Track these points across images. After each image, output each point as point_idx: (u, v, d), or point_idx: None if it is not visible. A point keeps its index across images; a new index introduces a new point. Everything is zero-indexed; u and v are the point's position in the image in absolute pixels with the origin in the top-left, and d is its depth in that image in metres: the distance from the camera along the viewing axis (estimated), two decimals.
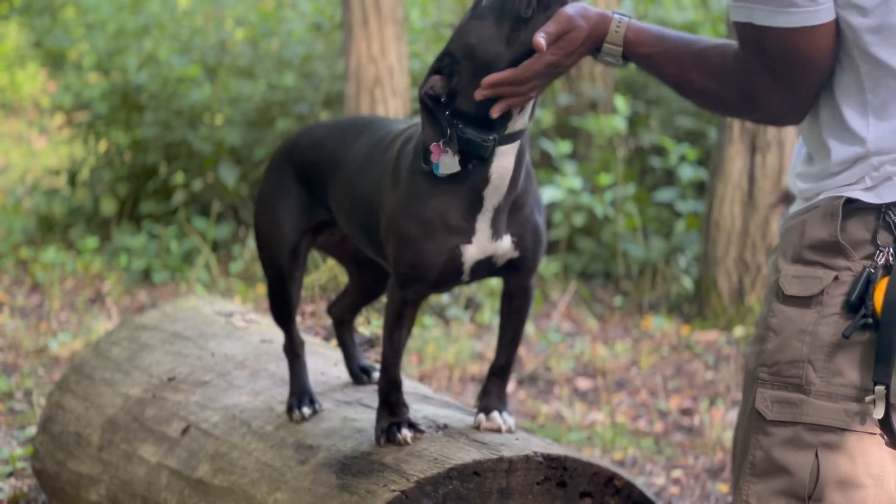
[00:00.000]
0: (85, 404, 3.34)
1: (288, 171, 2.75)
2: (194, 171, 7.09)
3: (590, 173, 6.58)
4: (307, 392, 2.79)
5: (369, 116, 2.77)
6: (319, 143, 2.71)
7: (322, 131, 2.75)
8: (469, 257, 2.40)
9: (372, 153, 2.55)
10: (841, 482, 1.95)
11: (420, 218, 2.38)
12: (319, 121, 3.02)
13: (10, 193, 8.06)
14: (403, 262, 2.42)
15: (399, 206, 2.41)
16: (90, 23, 8.06)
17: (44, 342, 5.48)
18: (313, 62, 7.20)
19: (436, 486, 2.34)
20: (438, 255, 2.39)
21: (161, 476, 2.93)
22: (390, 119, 2.66)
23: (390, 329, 2.50)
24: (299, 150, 2.75)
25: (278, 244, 2.74)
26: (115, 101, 7.41)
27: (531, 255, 2.45)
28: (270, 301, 2.83)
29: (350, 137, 2.64)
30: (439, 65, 2.32)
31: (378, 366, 2.95)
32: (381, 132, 2.58)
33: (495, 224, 2.39)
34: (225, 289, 6.21)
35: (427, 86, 2.33)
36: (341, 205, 2.63)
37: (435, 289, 2.48)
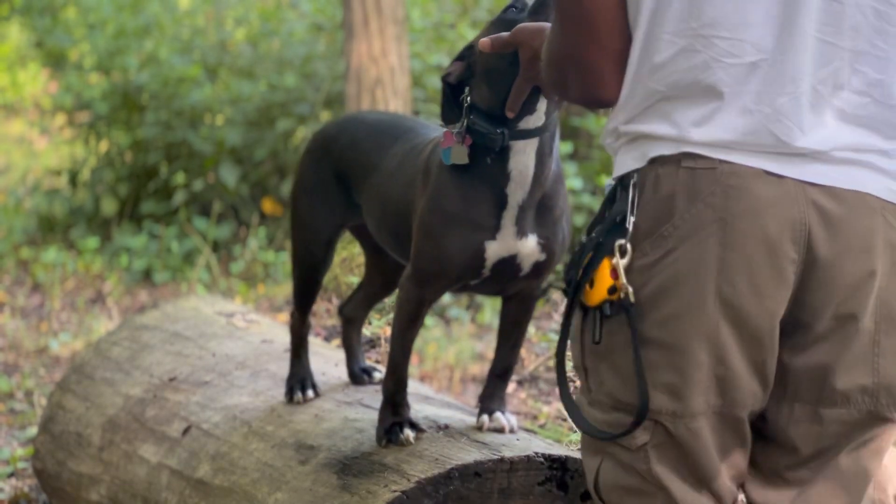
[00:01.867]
0: (86, 404, 3.34)
1: (326, 165, 2.76)
2: (195, 171, 7.09)
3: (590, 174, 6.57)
4: (309, 376, 2.84)
5: (409, 120, 2.76)
6: (358, 142, 2.71)
7: (362, 130, 2.74)
8: (492, 253, 2.40)
9: (405, 160, 2.56)
10: (619, 488, 1.91)
11: (444, 212, 2.39)
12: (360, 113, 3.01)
13: (11, 193, 8.06)
14: (425, 255, 2.43)
15: (426, 203, 2.42)
16: (91, 23, 8.05)
17: (44, 342, 5.48)
18: (314, 62, 7.19)
19: (437, 487, 2.34)
20: (462, 249, 2.39)
21: (162, 476, 2.93)
22: (428, 125, 2.67)
23: (402, 329, 2.50)
24: (338, 146, 2.75)
25: (315, 235, 2.78)
26: (116, 102, 7.41)
27: (557, 259, 2.46)
28: (297, 286, 2.87)
29: (387, 142, 2.64)
30: (462, 53, 2.38)
31: (379, 367, 2.95)
32: (417, 139, 2.59)
33: (520, 222, 2.39)
34: (226, 289, 6.21)
35: (448, 69, 2.41)
36: (372, 209, 2.64)
37: (455, 284, 2.48)
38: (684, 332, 1.80)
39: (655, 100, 1.82)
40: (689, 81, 1.80)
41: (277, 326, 3.54)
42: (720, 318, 1.80)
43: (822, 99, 1.80)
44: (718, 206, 1.78)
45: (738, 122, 1.79)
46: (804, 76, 1.79)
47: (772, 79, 1.78)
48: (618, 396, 1.86)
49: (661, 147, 1.81)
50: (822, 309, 1.83)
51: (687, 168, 1.79)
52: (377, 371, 2.92)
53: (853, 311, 1.83)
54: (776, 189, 1.79)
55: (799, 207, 1.79)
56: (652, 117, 1.82)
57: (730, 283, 1.79)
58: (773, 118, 1.78)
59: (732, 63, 1.78)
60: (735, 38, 1.78)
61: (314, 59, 7.21)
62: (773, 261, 1.79)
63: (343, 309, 2.98)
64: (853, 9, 1.80)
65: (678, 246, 1.80)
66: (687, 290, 1.79)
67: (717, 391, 1.83)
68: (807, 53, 1.79)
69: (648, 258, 1.81)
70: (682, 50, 1.79)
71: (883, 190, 1.82)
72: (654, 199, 1.81)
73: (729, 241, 1.78)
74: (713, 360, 1.81)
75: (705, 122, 1.79)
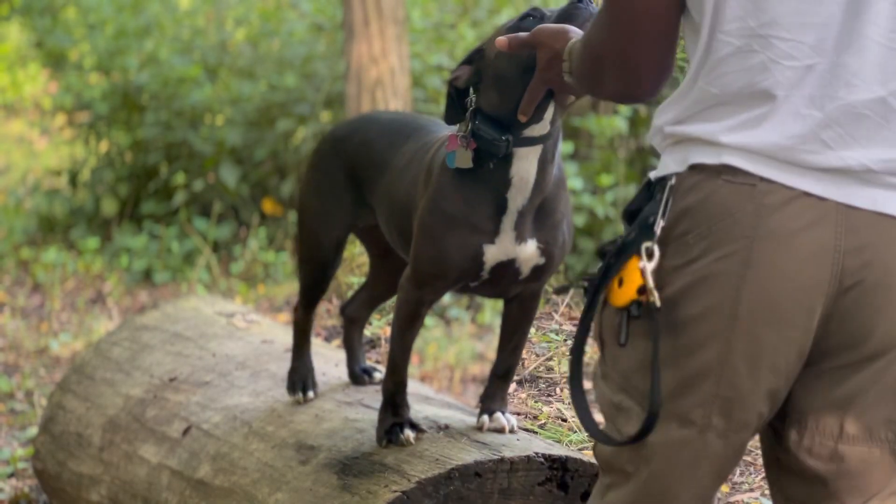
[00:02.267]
0: (86, 405, 3.34)
1: (336, 165, 2.75)
2: (195, 171, 7.09)
3: (591, 174, 6.57)
4: (311, 374, 2.84)
5: (422, 118, 2.75)
6: (371, 142, 2.70)
7: (375, 129, 2.73)
8: (490, 256, 2.40)
9: (413, 158, 2.56)
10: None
11: (444, 213, 2.40)
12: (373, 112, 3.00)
13: (12, 194, 8.06)
14: (425, 256, 2.43)
15: (427, 203, 2.42)
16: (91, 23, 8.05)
17: (45, 342, 5.48)
18: (314, 63, 7.19)
19: (437, 487, 2.34)
20: (460, 251, 2.39)
21: (162, 476, 2.93)
22: (440, 123, 2.67)
23: (402, 329, 2.50)
24: (351, 145, 2.74)
25: (326, 236, 2.76)
26: (116, 102, 7.41)
27: (557, 263, 2.46)
28: (304, 284, 2.85)
29: (399, 141, 2.64)
30: (470, 56, 2.37)
31: (379, 367, 2.95)
32: (427, 137, 2.59)
33: (520, 227, 2.39)
34: (226, 289, 6.21)
35: (455, 73, 2.39)
36: (383, 207, 2.63)
37: (453, 286, 2.48)
38: (694, 342, 1.76)
39: (707, 104, 1.76)
40: (744, 83, 1.73)
41: (278, 327, 3.54)
42: (731, 338, 1.74)
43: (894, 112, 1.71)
44: (748, 225, 1.71)
45: (789, 126, 1.71)
46: (866, 84, 1.70)
47: (826, 82, 1.71)
48: (629, 378, 1.82)
49: (702, 154, 1.75)
50: (855, 341, 1.76)
51: (725, 181, 1.73)
52: (377, 371, 2.92)
53: (886, 343, 1.75)
54: (813, 213, 1.71)
55: (836, 233, 1.71)
56: (699, 120, 1.76)
57: (746, 305, 1.72)
58: (824, 123, 1.71)
59: (790, 65, 1.71)
60: (795, 40, 1.71)
61: (314, 60, 7.21)
62: (798, 290, 1.72)
63: (345, 309, 2.98)
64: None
65: (701, 257, 1.74)
66: (701, 301, 1.74)
67: (722, 412, 1.77)
68: (869, 60, 1.70)
69: (672, 263, 1.76)
70: (738, 50, 1.73)
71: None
72: (687, 205, 1.75)
73: (753, 261, 1.71)
74: (719, 380, 1.75)
75: (755, 125, 1.72)
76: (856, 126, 1.71)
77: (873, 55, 1.71)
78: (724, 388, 1.76)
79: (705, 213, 1.74)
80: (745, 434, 1.80)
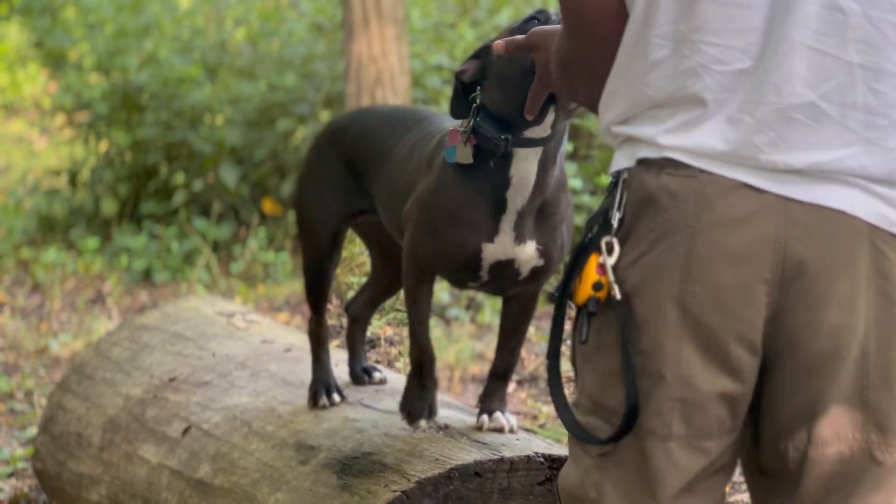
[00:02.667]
0: (86, 405, 3.34)
1: (334, 155, 2.74)
2: (195, 171, 7.09)
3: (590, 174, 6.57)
4: (333, 380, 2.80)
5: (427, 111, 2.76)
6: (371, 132, 2.70)
7: (375, 120, 2.73)
8: (489, 255, 2.40)
9: (415, 147, 2.56)
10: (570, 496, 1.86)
11: (445, 209, 2.40)
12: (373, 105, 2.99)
13: (11, 194, 8.06)
14: (423, 249, 2.43)
15: (426, 193, 2.43)
16: (91, 23, 8.06)
17: (44, 342, 5.48)
18: (314, 62, 7.19)
19: (437, 487, 2.34)
20: (459, 248, 2.40)
21: (162, 476, 2.93)
22: (443, 115, 2.67)
23: (411, 298, 2.50)
24: (349, 136, 2.74)
25: (322, 227, 2.75)
26: (116, 102, 7.41)
27: (555, 265, 2.46)
28: (307, 281, 2.83)
29: (402, 130, 2.64)
30: (478, 52, 2.37)
31: (379, 367, 2.96)
32: (431, 128, 2.59)
33: (519, 227, 2.39)
34: (226, 289, 6.21)
35: (463, 67, 2.40)
36: (381, 195, 2.63)
37: (452, 276, 2.48)
38: (651, 340, 1.75)
39: (645, 105, 1.77)
40: (676, 87, 1.74)
41: (277, 326, 3.54)
42: (682, 331, 1.73)
43: (825, 115, 1.71)
44: (690, 214, 1.72)
45: (724, 131, 1.72)
46: (795, 88, 1.71)
47: (756, 87, 1.72)
48: (595, 398, 1.81)
49: (647, 150, 1.76)
50: (805, 336, 1.74)
51: (668, 174, 1.74)
52: (377, 371, 2.91)
53: (838, 339, 1.74)
54: (753, 203, 1.72)
55: (776, 224, 1.71)
56: (640, 121, 1.78)
57: (692, 295, 1.72)
58: (756, 129, 1.71)
59: (719, 70, 1.72)
60: (724, 45, 1.72)
61: (314, 59, 7.21)
62: (741, 278, 1.72)
63: (349, 307, 2.98)
64: (860, 20, 1.71)
65: (650, 250, 1.74)
66: (651, 295, 1.74)
67: (682, 417, 1.75)
68: (797, 64, 1.71)
69: (628, 258, 1.77)
70: (671, 54, 1.74)
71: (872, 214, 1.73)
72: (637, 199, 1.77)
73: (695, 251, 1.72)
74: (677, 379, 1.74)
75: (690, 129, 1.73)
76: (787, 130, 1.72)
77: (802, 59, 1.71)
78: (680, 388, 1.74)
79: (652, 206, 1.75)
80: (708, 443, 1.77)
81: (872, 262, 1.74)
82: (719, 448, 1.79)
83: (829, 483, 1.79)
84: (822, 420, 1.76)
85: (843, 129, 1.72)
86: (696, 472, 1.78)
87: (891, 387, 1.76)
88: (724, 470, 1.82)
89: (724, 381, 1.75)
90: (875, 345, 1.75)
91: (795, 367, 1.76)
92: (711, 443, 1.78)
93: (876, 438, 1.78)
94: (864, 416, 1.77)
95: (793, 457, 1.79)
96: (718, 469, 1.81)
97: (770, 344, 1.76)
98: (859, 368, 1.76)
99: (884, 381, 1.76)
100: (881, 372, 1.76)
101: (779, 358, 1.76)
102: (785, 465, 1.80)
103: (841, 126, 1.72)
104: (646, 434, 1.76)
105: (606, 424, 1.79)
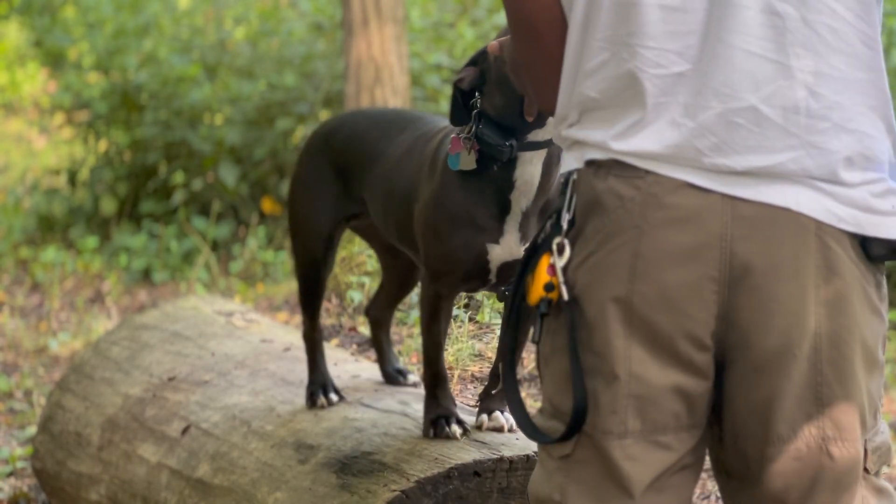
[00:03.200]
0: (85, 404, 3.33)
1: (324, 159, 2.74)
2: (194, 170, 7.09)
3: None
4: (329, 381, 2.80)
5: (417, 112, 2.76)
6: (361, 134, 2.70)
7: (364, 123, 2.73)
8: (495, 257, 2.41)
9: (412, 147, 2.56)
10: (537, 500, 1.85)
11: (450, 212, 2.40)
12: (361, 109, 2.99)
13: (10, 193, 8.06)
14: (433, 254, 2.44)
15: (431, 199, 2.43)
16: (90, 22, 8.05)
17: (44, 342, 5.47)
18: (313, 62, 7.19)
19: (436, 486, 2.34)
20: (465, 250, 2.40)
21: (161, 476, 2.93)
22: (437, 116, 2.66)
23: (427, 324, 2.51)
24: (338, 140, 2.74)
25: (314, 232, 2.75)
26: (115, 101, 7.41)
27: None
28: (301, 286, 2.83)
29: (394, 132, 2.64)
30: (475, 58, 2.37)
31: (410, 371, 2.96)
32: (426, 127, 2.59)
33: (524, 228, 2.40)
34: (225, 288, 6.21)
35: (460, 75, 2.39)
36: (376, 197, 2.62)
37: (464, 285, 2.48)
38: (600, 340, 1.75)
39: (588, 107, 1.77)
40: (617, 90, 1.75)
41: (277, 326, 3.53)
42: (632, 330, 1.74)
43: (767, 119, 1.72)
44: (637, 214, 1.73)
45: (666, 134, 1.73)
46: (736, 93, 1.71)
47: (696, 91, 1.72)
48: (554, 402, 1.81)
49: (594, 152, 1.77)
50: (756, 333, 1.74)
51: (615, 175, 1.75)
52: (412, 374, 2.92)
53: (788, 336, 1.74)
54: (699, 202, 1.72)
55: (722, 222, 1.72)
56: (586, 125, 1.78)
57: (639, 294, 1.73)
58: (697, 133, 1.72)
59: (657, 73, 1.72)
60: (660, 48, 1.72)
61: (313, 59, 7.21)
62: (688, 276, 1.72)
63: (368, 311, 2.98)
64: (798, 24, 1.72)
65: (597, 250, 1.75)
66: (600, 296, 1.75)
67: (637, 413, 1.75)
68: (737, 69, 1.71)
69: (576, 260, 1.78)
70: (611, 57, 1.75)
71: (818, 210, 1.73)
72: (585, 200, 1.77)
73: (642, 251, 1.73)
74: (629, 376, 1.74)
75: (633, 133, 1.74)
76: (729, 134, 1.72)
77: (741, 63, 1.72)
78: (633, 385, 1.75)
79: (599, 207, 1.75)
80: (665, 438, 1.77)
81: (820, 258, 1.74)
82: (680, 444, 1.79)
83: (788, 481, 1.79)
84: (778, 417, 1.76)
85: (784, 132, 1.73)
86: (662, 470, 1.78)
87: (844, 382, 1.77)
88: (689, 469, 1.82)
89: (675, 375, 1.75)
90: (826, 341, 1.75)
91: (749, 365, 1.76)
92: (668, 437, 1.78)
93: (832, 434, 1.77)
94: (820, 413, 1.77)
95: (752, 455, 1.79)
96: (683, 467, 1.81)
97: (723, 341, 1.76)
98: (812, 365, 1.76)
99: (837, 377, 1.76)
100: (834, 368, 1.76)
101: (733, 355, 1.77)
102: (745, 464, 1.81)
103: (783, 130, 1.73)
104: (602, 434, 1.76)
105: (563, 426, 1.79)
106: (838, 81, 1.74)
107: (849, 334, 1.76)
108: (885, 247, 1.76)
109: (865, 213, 1.75)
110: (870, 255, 1.77)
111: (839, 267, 1.75)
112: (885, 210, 1.76)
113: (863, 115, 1.75)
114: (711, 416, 1.82)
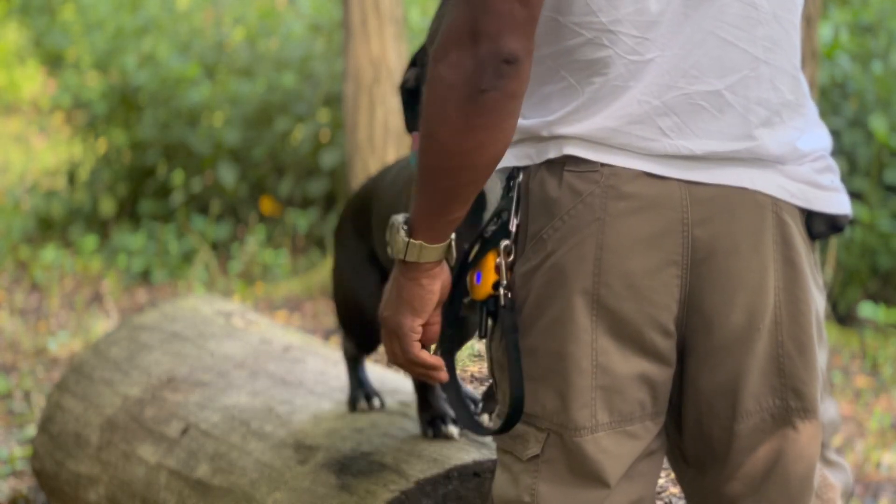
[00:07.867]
0: (84, 404, 3.33)
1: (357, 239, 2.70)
2: (193, 170, 7.10)
3: None
4: (371, 389, 2.77)
5: None
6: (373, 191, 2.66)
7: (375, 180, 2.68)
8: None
9: (398, 174, 2.54)
10: None
11: None
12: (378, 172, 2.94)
13: (9, 193, 8.06)
14: None
15: (396, 199, 2.42)
16: (89, 22, 8.06)
17: (43, 342, 5.48)
18: (312, 62, 7.20)
19: (435, 487, 2.34)
20: None
21: (160, 476, 2.93)
22: None
23: None
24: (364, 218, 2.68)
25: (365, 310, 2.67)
26: (114, 101, 7.42)
27: None
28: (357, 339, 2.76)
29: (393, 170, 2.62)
30: (415, 58, 2.36)
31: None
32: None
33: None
34: (224, 288, 6.21)
35: (404, 77, 2.36)
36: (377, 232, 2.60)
37: None
38: (566, 338, 1.75)
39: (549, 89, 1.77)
40: (587, 74, 1.74)
41: (276, 326, 3.53)
42: (598, 322, 1.75)
43: (729, 106, 1.74)
44: (597, 207, 1.73)
45: (628, 110, 1.73)
46: (704, 76, 1.73)
47: (665, 72, 1.73)
48: None
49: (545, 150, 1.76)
50: (720, 313, 1.76)
51: (569, 171, 1.74)
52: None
53: (752, 312, 1.75)
54: (657, 189, 1.73)
55: (682, 207, 1.73)
56: (538, 108, 1.77)
57: (606, 286, 1.73)
58: (661, 111, 1.73)
59: (633, 59, 1.73)
60: (642, 37, 1.73)
61: (313, 59, 7.21)
62: (651, 263, 1.74)
63: None
64: (769, 17, 1.74)
65: (557, 249, 1.75)
66: (565, 292, 1.75)
67: (605, 405, 1.76)
68: (708, 54, 1.73)
69: (531, 263, 1.77)
70: (587, 42, 1.74)
71: (772, 187, 1.76)
72: (538, 202, 1.77)
73: (605, 243, 1.73)
74: (595, 368, 1.75)
75: (593, 114, 1.74)
76: (691, 117, 1.74)
77: (713, 48, 1.73)
78: (600, 376, 1.76)
79: (556, 205, 1.75)
80: (632, 427, 1.78)
81: (778, 233, 1.77)
82: (646, 432, 1.80)
83: (754, 457, 1.80)
84: (745, 393, 1.78)
85: (744, 122, 1.75)
86: (633, 459, 1.80)
87: (805, 354, 1.79)
88: (655, 454, 1.83)
89: (640, 363, 1.77)
90: (786, 313, 1.78)
91: (713, 345, 1.78)
92: (635, 426, 1.79)
93: (794, 405, 1.80)
94: (782, 384, 1.79)
95: (718, 436, 1.80)
96: (650, 454, 1.82)
97: (685, 325, 1.78)
98: (773, 338, 1.78)
99: (798, 348, 1.79)
100: (794, 340, 1.78)
101: (695, 339, 1.78)
102: (710, 447, 1.82)
103: (743, 119, 1.75)
104: (573, 432, 1.77)
105: (530, 427, 1.80)
106: (792, 79, 1.78)
107: (805, 306, 1.79)
108: (825, 223, 1.81)
109: (812, 188, 1.79)
110: (811, 233, 1.81)
111: (794, 241, 1.78)
112: (826, 185, 1.80)
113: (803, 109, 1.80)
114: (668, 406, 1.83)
